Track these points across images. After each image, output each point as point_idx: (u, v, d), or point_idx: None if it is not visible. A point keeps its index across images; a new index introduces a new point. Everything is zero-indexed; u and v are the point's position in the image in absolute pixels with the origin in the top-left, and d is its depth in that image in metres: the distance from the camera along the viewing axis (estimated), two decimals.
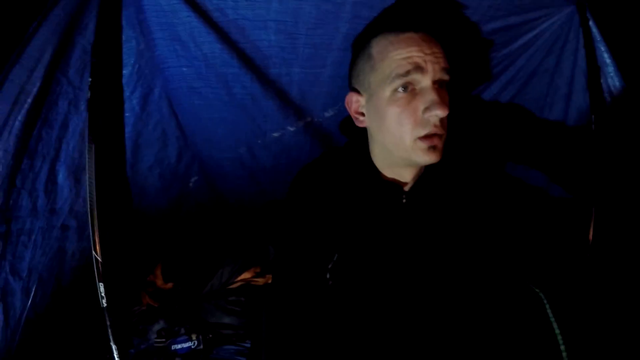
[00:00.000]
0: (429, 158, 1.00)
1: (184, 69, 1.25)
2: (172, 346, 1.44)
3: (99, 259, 1.03)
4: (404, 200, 1.11)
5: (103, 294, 1.03)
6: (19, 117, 1.04)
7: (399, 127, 1.01)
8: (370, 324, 1.08)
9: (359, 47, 1.10)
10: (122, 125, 1.31)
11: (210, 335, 1.46)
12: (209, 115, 1.39)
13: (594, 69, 1.20)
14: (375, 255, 1.10)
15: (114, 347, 1.04)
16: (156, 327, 1.49)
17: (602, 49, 1.19)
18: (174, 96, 1.34)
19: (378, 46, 1.03)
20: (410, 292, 1.09)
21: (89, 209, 1.04)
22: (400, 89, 0.99)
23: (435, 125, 0.98)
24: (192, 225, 1.70)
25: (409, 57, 0.98)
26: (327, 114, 1.44)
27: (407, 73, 0.97)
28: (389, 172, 1.12)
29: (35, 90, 1.04)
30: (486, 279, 1.11)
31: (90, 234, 1.05)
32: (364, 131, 1.15)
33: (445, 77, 1.00)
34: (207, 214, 1.70)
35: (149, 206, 1.53)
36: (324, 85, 1.34)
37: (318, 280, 1.13)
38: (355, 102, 1.10)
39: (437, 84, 0.99)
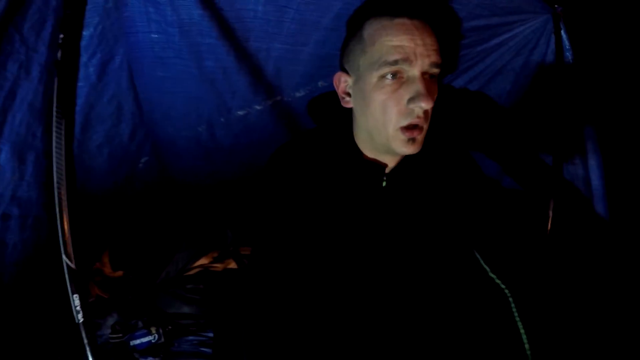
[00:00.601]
0: (407, 149, 1.00)
1: (154, 35, 1.11)
2: (131, 342, 1.29)
3: (72, 266, 0.87)
4: (384, 183, 1.10)
5: (78, 308, 0.88)
6: None
7: (383, 114, 0.99)
8: (342, 301, 1.07)
9: (352, 27, 1.06)
10: (75, 97, 1.13)
11: (170, 327, 1.34)
12: (172, 89, 1.26)
13: (560, 73, 1.27)
14: (352, 235, 1.09)
15: None
16: (110, 321, 1.33)
17: (569, 56, 1.28)
18: (137, 66, 1.19)
19: (370, 29, 0.99)
20: (381, 274, 1.09)
21: (57, 201, 0.88)
22: (388, 76, 0.97)
23: (418, 117, 0.97)
24: (141, 209, 1.53)
25: (399, 46, 0.95)
26: (298, 94, 1.37)
27: (396, 62, 0.95)
28: (370, 153, 1.10)
29: None
30: (454, 268, 1.15)
31: (60, 237, 0.88)
32: (346, 112, 1.11)
33: (435, 70, 0.99)
34: (156, 195, 1.55)
35: (94, 188, 1.36)
36: (302, 64, 1.27)
37: (298, 269, 1.10)
38: (343, 82, 1.07)
39: (427, 75, 0.98)
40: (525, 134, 1.45)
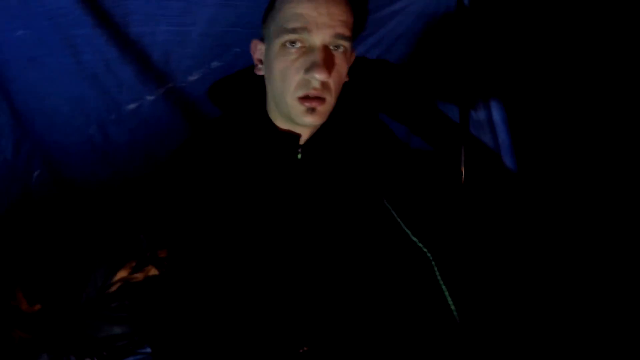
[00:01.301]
0: (307, 120, 1.00)
1: (21, 32, 1.01)
2: None
3: None
4: (299, 156, 1.10)
5: None
6: None
7: (282, 82, 0.99)
8: (260, 276, 1.08)
9: None
10: None
11: (105, 353, 1.23)
12: (51, 91, 1.16)
13: (460, 29, 1.32)
14: (269, 210, 1.08)
15: None
16: None
17: (467, 10, 1.31)
18: (6, 71, 1.08)
19: None
20: (299, 247, 1.10)
21: None
22: (288, 44, 0.96)
23: (314, 88, 0.97)
24: (45, 230, 1.39)
25: (300, 14, 0.94)
26: (190, 78, 1.31)
27: (294, 30, 0.94)
28: (282, 124, 1.09)
29: None
30: (374, 235, 1.19)
31: None
32: (257, 88, 1.10)
33: (341, 42, 0.98)
34: (58, 211, 1.41)
35: None
36: (191, 46, 1.22)
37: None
38: (258, 50, 1.06)
39: (329, 47, 0.97)
40: (431, 94, 1.51)
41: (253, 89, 1.12)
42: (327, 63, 0.95)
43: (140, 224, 1.46)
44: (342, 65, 1.00)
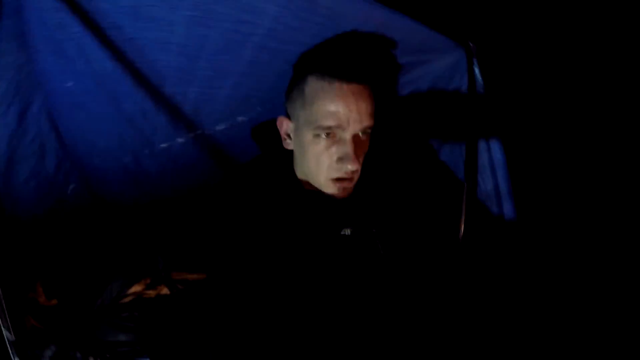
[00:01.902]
0: (338, 194, 1.13)
1: (69, 84, 1.17)
2: None
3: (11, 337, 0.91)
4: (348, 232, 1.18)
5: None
6: None
7: (316, 165, 1.12)
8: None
9: (297, 74, 1.16)
10: None
11: (108, 356, 1.41)
12: (93, 128, 1.33)
13: (473, 104, 1.36)
14: (301, 256, 1.14)
15: None
16: (48, 353, 1.39)
17: (480, 86, 1.35)
18: (56, 110, 1.24)
19: (311, 87, 1.09)
20: (335, 300, 1.14)
21: None
22: (322, 135, 1.08)
23: (346, 173, 1.10)
24: (73, 235, 1.58)
25: (334, 113, 1.06)
26: (218, 127, 1.45)
27: (329, 128, 1.07)
28: (310, 186, 1.19)
29: None
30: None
31: None
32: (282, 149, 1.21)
33: (367, 130, 1.11)
34: (87, 221, 1.60)
35: (24, 216, 1.40)
36: (219, 104, 1.35)
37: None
38: (285, 126, 1.18)
39: (358, 135, 1.09)
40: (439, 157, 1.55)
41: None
42: (357, 152, 1.08)
43: (160, 246, 1.61)
44: (366, 144, 1.14)
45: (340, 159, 1.08)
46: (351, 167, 1.07)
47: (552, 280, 1.55)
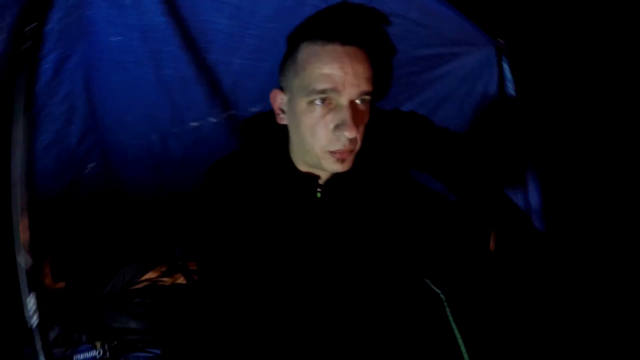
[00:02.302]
0: (336, 167, 1.06)
1: (114, 38, 1.12)
2: (74, 356, 1.23)
3: (26, 265, 0.83)
4: (319, 195, 1.14)
5: (34, 309, 0.82)
6: None
7: (311, 137, 1.04)
8: (284, 306, 1.10)
9: (290, 45, 1.11)
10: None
11: (115, 342, 1.28)
12: (127, 94, 1.27)
13: (501, 102, 1.39)
14: (288, 249, 1.12)
15: None
16: (52, 335, 1.26)
17: (510, 87, 1.38)
18: (94, 68, 1.19)
19: (304, 53, 1.04)
20: (318, 285, 1.12)
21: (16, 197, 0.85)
22: (317, 102, 1.01)
23: (344, 144, 1.02)
24: (87, 218, 1.49)
25: (328, 75, 0.99)
26: (252, 109, 1.41)
27: (324, 91, 0.99)
28: (304, 167, 1.15)
29: None
30: (389, 276, 1.20)
31: (15, 227, 0.84)
32: (281, 127, 1.16)
33: (365, 97, 1.03)
34: (102, 204, 1.51)
35: (39, 191, 1.31)
36: (259, 80, 1.31)
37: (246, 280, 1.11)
38: (279, 99, 1.12)
39: (355, 102, 1.03)
40: (470, 158, 1.54)
41: (275, 130, 1.18)
42: (355, 120, 1.00)
43: (179, 234, 1.54)
44: (366, 114, 1.06)
45: (337, 127, 1.00)
46: (349, 134, 0.99)
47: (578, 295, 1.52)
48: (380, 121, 1.54)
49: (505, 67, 1.36)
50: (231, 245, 1.11)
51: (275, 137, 1.18)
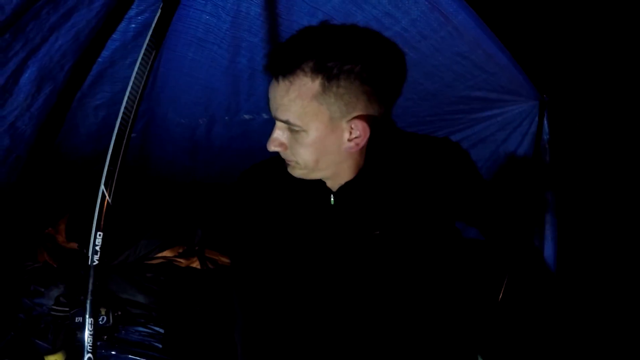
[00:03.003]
0: (290, 172, 1.06)
1: (206, 16, 1.11)
2: (77, 318, 1.15)
3: (108, 198, 0.81)
4: (332, 202, 1.18)
5: (98, 248, 0.80)
6: None
7: None
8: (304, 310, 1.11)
9: None
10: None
11: (119, 313, 1.22)
12: (195, 73, 1.25)
13: (537, 152, 1.46)
14: (303, 256, 1.13)
15: (88, 321, 0.81)
16: (54, 292, 1.19)
17: (546, 139, 1.46)
18: (173, 40, 1.16)
19: None
20: (334, 292, 1.13)
21: (117, 127, 0.83)
22: None
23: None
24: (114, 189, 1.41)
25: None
26: None
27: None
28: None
29: None
30: (402, 282, 1.24)
31: (106, 165, 0.82)
32: None
33: (287, 125, 0.98)
34: (127, 175, 1.45)
35: (71, 150, 1.26)
36: None
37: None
38: None
39: (284, 124, 1.01)
40: (495, 200, 1.62)
41: None
42: (274, 139, 0.99)
43: (202, 220, 1.50)
44: (300, 143, 1.00)
45: None
46: (267, 146, 1.00)
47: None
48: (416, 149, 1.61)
49: (545, 122, 1.44)
50: (252, 244, 1.13)
51: None
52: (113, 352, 1.18)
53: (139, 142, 1.43)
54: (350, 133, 1.02)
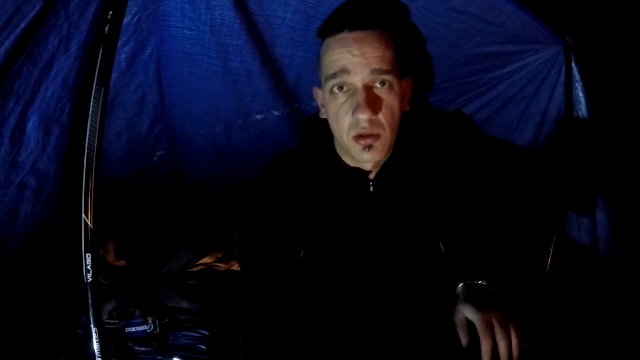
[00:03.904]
0: (366, 157, 1.04)
1: (187, 31, 1.16)
2: (126, 329, 1.30)
3: (89, 224, 0.89)
4: (372, 189, 1.13)
5: (89, 267, 0.89)
6: (7, 43, 0.90)
7: (337, 125, 1.06)
8: (339, 310, 1.09)
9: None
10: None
11: (167, 320, 1.35)
12: (196, 85, 1.31)
13: (569, 104, 1.32)
14: (344, 244, 1.12)
15: (94, 330, 0.91)
16: (107, 307, 1.35)
17: (579, 88, 1.32)
18: (165, 60, 1.24)
19: (323, 46, 1.08)
20: (377, 278, 1.12)
21: (85, 162, 0.90)
22: (335, 89, 1.03)
23: (364, 127, 1.01)
24: (151, 202, 1.57)
25: (336, 60, 1.01)
26: (314, 103, 1.40)
27: (334, 75, 1.01)
28: (351, 161, 1.14)
29: (32, 14, 0.89)
30: (444, 271, 1.17)
31: (83, 194, 0.91)
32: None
33: (381, 77, 1.01)
34: (166, 191, 1.58)
35: (107, 175, 1.39)
36: None
37: (289, 271, 1.13)
38: (319, 96, 1.15)
39: (371, 85, 1.01)
40: (534, 164, 1.48)
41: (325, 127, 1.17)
42: (369, 102, 0.99)
43: (237, 223, 1.58)
44: (389, 99, 1.03)
45: (354, 111, 1.00)
46: (361, 115, 0.98)
47: None
48: (444, 118, 1.52)
49: (574, 67, 1.29)
50: (275, 241, 1.14)
51: (324, 133, 1.18)
52: (158, 357, 1.30)
53: (169, 158, 1.53)
54: (402, 93, 1.08)
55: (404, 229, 1.14)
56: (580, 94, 1.33)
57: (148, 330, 1.31)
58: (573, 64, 1.29)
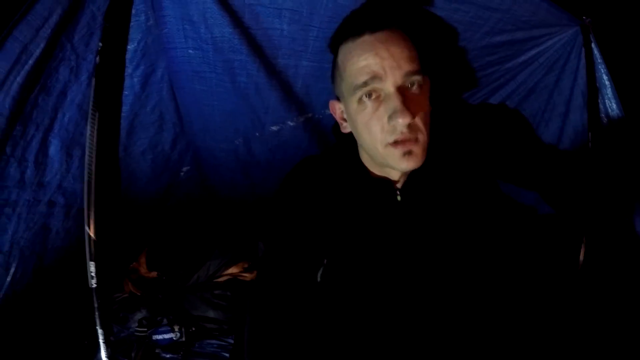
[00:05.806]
0: (406, 164, 0.98)
1: (191, 51, 1.22)
2: (154, 336, 1.39)
3: (92, 236, 0.97)
4: (399, 198, 1.10)
5: (93, 274, 0.97)
6: (18, 79, 1.00)
7: (369, 134, 1.00)
8: (363, 323, 1.07)
9: (333, 52, 1.10)
10: (121, 103, 1.27)
11: (193, 329, 1.42)
12: (209, 102, 1.36)
13: (593, 90, 1.22)
14: (370, 256, 1.09)
15: (99, 331, 0.98)
16: (138, 316, 1.44)
17: (602, 70, 1.22)
18: (176, 79, 1.31)
19: (342, 54, 1.03)
20: (405, 291, 1.08)
21: (86, 181, 0.98)
22: (364, 98, 0.97)
23: (402, 132, 0.95)
24: (180, 216, 1.66)
25: (365, 66, 0.95)
26: (327, 112, 1.42)
27: (366, 83, 0.95)
28: (378, 170, 1.11)
29: (38, 51, 0.99)
30: (473, 281, 1.12)
31: (85, 208, 0.99)
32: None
33: (412, 78, 0.96)
34: (196, 205, 1.66)
35: (137, 192, 1.49)
36: (328, 81, 1.31)
37: (306, 281, 1.12)
38: (338, 109, 1.11)
39: (404, 87, 0.96)
40: (560, 157, 1.38)
41: (345, 138, 1.15)
42: (408, 105, 0.94)
43: (261, 233, 1.62)
44: (422, 100, 0.99)
45: (390, 116, 0.94)
46: (402, 120, 0.92)
47: None
48: (463, 118, 1.46)
49: (594, 48, 1.19)
50: (301, 253, 1.12)
51: (346, 144, 1.17)
52: None
53: (196, 174, 1.60)
54: (426, 85, 1.03)
55: (433, 239, 1.10)
56: (605, 77, 1.23)
57: (174, 338, 1.38)
58: (593, 45, 1.20)
